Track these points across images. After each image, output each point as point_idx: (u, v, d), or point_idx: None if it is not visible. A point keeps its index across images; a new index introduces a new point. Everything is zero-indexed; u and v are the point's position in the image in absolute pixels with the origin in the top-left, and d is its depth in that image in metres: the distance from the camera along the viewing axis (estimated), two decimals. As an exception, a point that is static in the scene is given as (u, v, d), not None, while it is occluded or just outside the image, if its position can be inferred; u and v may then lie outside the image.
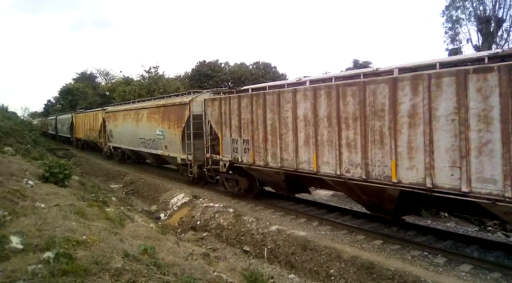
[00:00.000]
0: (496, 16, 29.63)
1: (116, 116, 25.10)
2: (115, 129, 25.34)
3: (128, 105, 24.66)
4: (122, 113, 23.92)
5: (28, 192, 9.23)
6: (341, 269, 8.04)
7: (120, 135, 24.57)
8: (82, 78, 68.46)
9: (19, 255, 4.70)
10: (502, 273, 7.12)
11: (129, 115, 22.49)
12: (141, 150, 21.61)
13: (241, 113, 12.45)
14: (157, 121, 18.63)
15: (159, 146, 18.86)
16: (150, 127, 19.46)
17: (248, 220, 11.31)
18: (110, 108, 27.57)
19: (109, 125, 26.46)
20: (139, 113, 21.13)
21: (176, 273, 4.77)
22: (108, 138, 27.65)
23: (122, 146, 25.03)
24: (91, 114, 32.95)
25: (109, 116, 26.57)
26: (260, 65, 47.32)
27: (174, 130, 17.06)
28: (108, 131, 26.84)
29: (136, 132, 21.42)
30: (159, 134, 18.40)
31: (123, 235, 6.57)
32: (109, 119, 26.46)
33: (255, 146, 11.97)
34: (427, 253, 8.25)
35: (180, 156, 16.91)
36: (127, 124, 22.77)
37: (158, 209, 15.52)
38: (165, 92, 38.71)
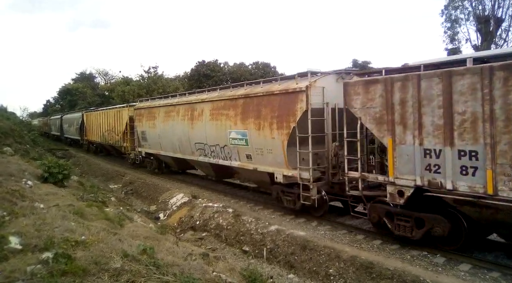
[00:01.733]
0: (495, 16, 29.66)
1: (152, 113, 19.16)
2: (150, 131, 19.44)
3: (172, 98, 18.23)
4: (163, 109, 18.05)
5: (27, 192, 9.21)
6: (340, 269, 8.04)
7: (159, 139, 18.51)
8: (81, 79, 68.38)
9: (18, 256, 4.69)
10: (501, 272, 7.13)
11: (176, 111, 16.75)
12: (195, 158, 15.76)
13: (453, 104, 7.24)
14: (233, 119, 12.93)
15: (235, 154, 13.13)
16: (217, 129, 13.74)
17: (247, 220, 11.31)
18: (142, 104, 21.13)
19: (140, 126, 20.50)
20: (194, 108, 15.35)
21: (175, 273, 4.76)
22: (138, 142, 21.44)
23: (161, 152, 18.84)
24: (111, 113, 26.62)
25: (140, 114, 20.50)
26: (260, 65, 47.27)
27: (272, 133, 11.27)
28: (139, 133, 20.73)
29: (190, 135, 15.62)
30: (237, 138, 12.76)
31: (122, 235, 6.56)
32: (140, 118, 20.42)
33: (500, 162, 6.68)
34: (426, 252, 8.25)
35: (282, 171, 11.18)
36: (172, 124, 17.01)
37: (157, 209, 15.51)
38: (164, 92, 38.73)
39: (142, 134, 20.55)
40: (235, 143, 12.90)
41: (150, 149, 20.21)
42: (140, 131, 20.69)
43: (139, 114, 20.81)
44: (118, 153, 28.12)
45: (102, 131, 28.53)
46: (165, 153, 18.51)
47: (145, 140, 20.36)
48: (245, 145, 12.48)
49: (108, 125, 27.02)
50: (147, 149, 20.63)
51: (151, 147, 19.97)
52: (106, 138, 27.66)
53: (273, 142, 11.30)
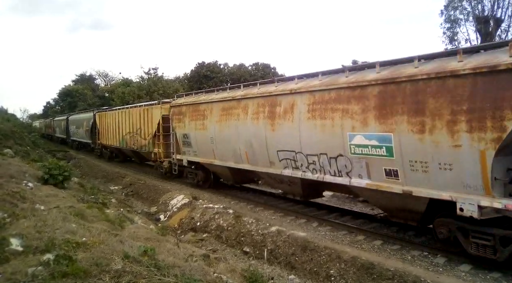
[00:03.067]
0: (495, 16, 29.71)
1: (199, 111, 14.79)
2: (197, 134, 15.04)
3: (233, 91, 13.55)
4: (219, 106, 13.61)
5: (27, 194, 9.22)
6: (341, 270, 8.04)
7: (212, 144, 14.07)
8: (81, 80, 68.53)
9: (19, 257, 4.70)
10: (502, 272, 7.12)
11: (242, 108, 12.38)
12: (274, 172, 11.50)
13: None
14: (358, 117, 8.64)
15: (360, 169, 8.90)
16: (325, 131, 9.45)
17: (248, 221, 11.31)
18: (183, 99, 16.61)
19: (181, 127, 16.15)
20: (277, 103, 11.00)
21: (176, 275, 4.77)
22: (175, 148, 17.43)
23: (215, 161, 14.29)
24: (135, 112, 21.98)
25: (180, 112, 16.32)
26: (259, 66, 47.39)
27: (456, 138, 6.92)
28: (179, 137, 16.47)
29: (269, 140, 11.30)
30: (369, 145, 8.48)
31: (123, 237, 6.56)
32: (181, 118, 16.13)
33: None
34: (427, 253, 8.25)
35: (476, 200, 6.81)
36: (235, 125, 12.68)
37: (157, 210, 15.51)
38: (164, 93, 38.77)
39: (184, 138, 15.94)
40: (361, 152, 8.58)
41: (197, 156, 15.45)
42: (181, 134, 16.13)
43: (179, 112, 16.29)
44: (141, 159, 24.00)
45: (121, 134, 24.14)
46: (220, 162, 13.94)
47: (188, 145, 15.75)
48: (385, 155, 8.17)
49: (131, 127, 22.29)
50: (191, 156, 15.86)
51: (199, 154, 15.27)
52: (127, 143, 23.22)
53: (455, 152, 6.95)
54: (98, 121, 29.62)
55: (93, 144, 32.15)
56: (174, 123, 16.85)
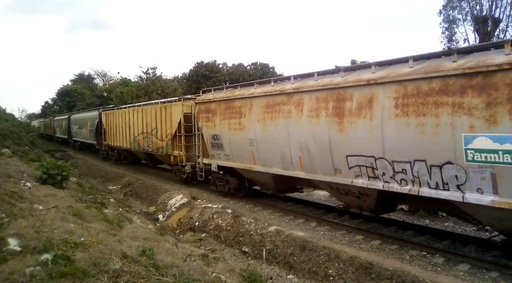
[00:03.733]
0: (493, 16, 29.76)
1: (234, 109, 12.59)
2: (231, 135, 12.78)
3: (281, 84, 11.43)
4: (261, 101, 11.42)
5: (25, 193, 9.20)
6: (340, 269, 8.05)
7: (252, 147, 11.85)
8: (80, 80, 68.49)
9: (17, 257, 4.68)
10: (500, 272, 7.14)
11: (295, 104, 10.22)
12: (342, 181, 9.28)
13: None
14: (482, 113, 6.59)
15: (482, 181, 6.73)
16: (424, 132, 7.38)
17: (246, 221, 11.31)
18: (212, 95, 14.21)
19: (209, 127, 13.93)
20: (345, 97, 8.88)
21: (175, 274, 4.76)
22: (201, 151, 15.27)
23: (254, 167, 12.05)
24: (150, 110, 19.59)
25: (208, 110, 14.04)
26: (258, 66, 47.42)
27: None
28: (207, 138, 14.19)
29: (335, 143, 9.14)
30: (500, 150, 6.39)
31: (121, 237, 6.55)
32: (209, 116, 13.91)
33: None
34: (425, 253, 8.26)
35: None
36: (284, 124, 10.50)
37: (156, 210, 15.50)
38: (163, 93, 38.75)
39: (214, 139, 13.75)
40: (485, 160, 6.55)
41: (230, 161, 13.26)
42: (210, 135, 13.96)
43: (207, 110, 14.09)
44: (154, 162, 22.24)
45: (132, 135, 22.05)
46: (262, 168, 11.70)
47: (219, 148, 13.59)
48: None
49: (145, 127, 20.17)
50: (222, 160, 13.68)
51: (233, 158, 13.07)
52: (139, 144, 21.12)
53: None
54: (105, 120, 27.48)
55: (98, 145, 30.10)
56: (200, 122, 14.57)
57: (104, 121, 27.69)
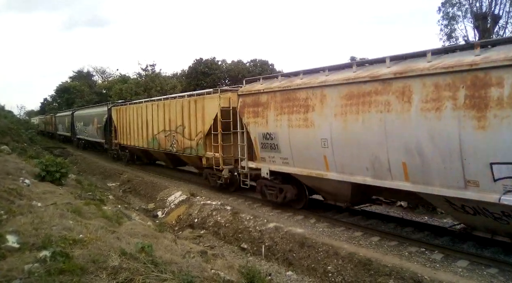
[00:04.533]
0: (493, 13, 29.74)
1: (298, 101, 10.24)
2: (290, 134, 10.51)
3: (362, 69, 9.10)
4: (342, 91, 9.07)
5: (24, 190, 9.20)
6: (339, 266, 8.06)
7: (327, 149, 9.51)
8: (79, 77, 68.42)
9: (16, 254, 4.69)
10: (499, 268, 7.15)
11: (396, 94, 7.89)
12: (474, 197, 6.96)
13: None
14: None
15: None
16: None
17: (245, 218, 11.32)
18: (261, 85, 11.85)
19: (260, 124, 11.57)
20: (490, 82, 6.48)
21: (174, 271, 4.77)
22: (246, 152, 12.57)
23: (328, 174, 9.69)
24: (175, 104, 17.04)
25: (257, 103, 11.71)
26: (257, 63, 47.33)
27: None
28: (256, 137, 11.80)
29: (472, 147, 6.78)
30: None
31: (120, 233, 6.55)
32: (258, 111, 11.59)
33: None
34: (424, 249, 8.27)
35: None
36: (379, 120, 8.21)
37: (155, 207, 15.51)
38: (162, 90, 38.71)
39: (265, 139, 11.45)
40: None
41: (289, 165, 10.87)
42: (259, 133, 11.62)
43: (254, 103, 11.76)
44: (176, 164, 19.91)
45: (150, 133, 19.64)
46: (340, 176, 9.35)
47: (273, 149, 11.26)
48: None
49: (168, 124, 17.68)
50: (277, 165, 11.26)
51: (293, 162, 10.68)
52: (160, 144, 18.70)
53: None
54: (116, 117, 24.86)
55: (107, 144, 27.29)
56: (245, 118, 12.15)
57: (114, 118, 25.17)
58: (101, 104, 31.95)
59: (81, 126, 34.45)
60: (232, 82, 39.53)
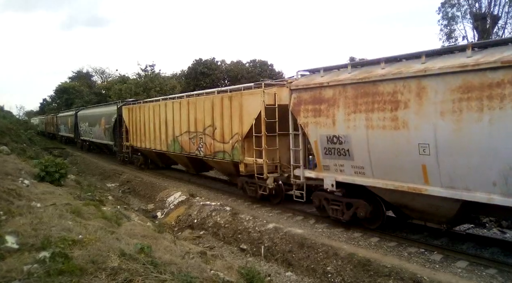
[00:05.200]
0: (492, 13, 29.80)
1: (382, 96, 8.26)
2: (368, 136, 8.54)
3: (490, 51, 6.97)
4: (453, 82, 7.06)
5: (23, 191, 9.18)
6: (338, 267, 8.07)
7: (428, 157, 7.48)
8: (78, 77, 68.37)
9: (15, 255, 4.67)
10: (498, 269, 7.16)
11: None
12: None
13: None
14: None
15: None
16: None
17: (245, 218, 11.32)
18: (322, 77, 9.92)
19: (323, 125, 9.58)
20: None
21: (173, 272, 4.76)
22: (297, 158, 10.79)
23: (429, 189, 7.63)
24: (202, 101, 15.05)
25: (320, 99, 9.71)
26: (257, 63, 47.26)
27: None
28: (318, 141, 9.79)
29: None
30: None
31: (119, 234, 6.54)
32: (324, 108, 9.52)
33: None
34: (423, 250, 8.28)
35: None
36: None
37: (154, 207, 15.51)
38: (162, 90, 38.68)
39: (332, 142, 9.37)
40: None
41: (365, 176, 8.88)
42: (323, 136, 9.54)
43: (315, 99, 9.73)
44: (199, 169, 17.89)
45: (170, 135, 17.63)
46: (448, 191, 7.41)
47: (342, 156, 9.20)
48: None
49: (193, 125, 15.69)
50: (346, 175, 9.32)
51: (372, 172, 8.69)
52: (182, 147, 16.64)
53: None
54: (127, 117, 22.80)
55: (116, 146, 25.16)
56: (301, 118, 10.12)
57: (125, 118, 23.06)
58: (109, 103, 29.61)
59: (85, 127, 32.34)
60: (231, 83, 39.50)
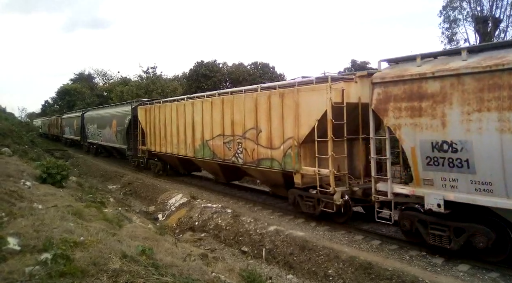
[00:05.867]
0: (493, 16, 29.78)
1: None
2: (500, 142, 6.58)
3: None
4: None
5: (25, 193, 9.20)
6: (339, 269, 8.05)
7: None
8: (80, 79, 68.51)
9: (17, 257, 4.68)
10: (500, 273, 7.14)
11: None
12: None
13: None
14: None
15: None
16: None
17: (246, 221, 11.31)
18: (418, 67, 8.02)
19: (426, 128, 7.61)
20: None
21: (174, 274, 4.76)
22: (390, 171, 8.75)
23: None
24: (241, 99, 13.09)
25: (417, 95, 7.77)
26: (258, 66, 47.28)
27: None
28: (419, 147, 7.80)
29: None
30: None
31: (121, 236, 6.55)
32: (428, 106, 7.56)
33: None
34: (425, 253, 8.26)
35: None
36: None
37: (156, 209, 15.51)
38: (163, 92, 38.70)
39: (440, 150, 7.48)
40: None
41: (495, 194, 6.84)
42: (425, 142, 7.73)
43: (414, 95, 7.89)
44: (231, 177, 15.74)
45: (198, 139, 15.44)
46: None
47: (455, 167, 7.32)
48: None
49: (230, 127, 13.55)
50: (461, 193, 7.34)
51: (506, 190, 6.68)
52: (214, 152, 14.50)
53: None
54: (143, 118, 20.69)
55: (130, 150, 23.03)
56: (391, 119, 8.29)
57: (141, 119, 20.89)
58: (122, 104, 26.96)
59: (93, 129, 29.94)
60: (233, 85, 39.53)
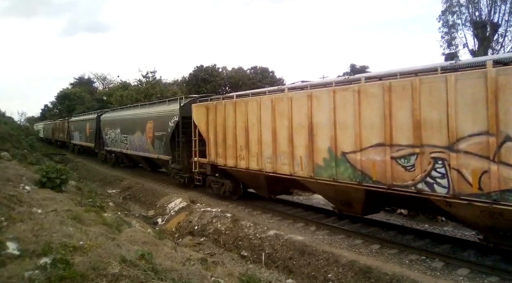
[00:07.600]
0: (492, 21, 29.96)
1: None
2: None
3: None
4: None
5: (24, 197, 9.19)
6: (339, 274, 8.04)
7: None
8: (80, 83, 68.65)
9: (16, 261, 4.68)
10: (500, 277, 7.13)
11: None
12: None
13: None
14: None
15: None
16: None
17: (245, 225, 11.30)
18: None
19: None
20: None
21: (174, 279, 4.76)
22: None
23: None
24: (446, 83, 6.84)
25: None
26: (258, 70, 47.39)
27: None
28: None
29: None
30: None
31: (120, 240, 6.54)
32: None
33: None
34: (424, 257, 8.25)
35: None
36: None
37: (155, 214, 15.48)
38: (162, 97, 38.77)
39: None
40: None
41: None
42: None
43: None
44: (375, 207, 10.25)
45: (324, 150, 9.56)
46: None
47: None
48: None
49: (406, 132, 7.70)
50: None
51: None
52: (364, 172, 8.60)
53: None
54: (202, 120, 14.68)
55: (176, 163, 17.20)
56: None
57: (199, 121, 14.87)
58: (163, 101, 20.53)
59: (115, 135, 24.57)
60: (232, 90, 39.59)
